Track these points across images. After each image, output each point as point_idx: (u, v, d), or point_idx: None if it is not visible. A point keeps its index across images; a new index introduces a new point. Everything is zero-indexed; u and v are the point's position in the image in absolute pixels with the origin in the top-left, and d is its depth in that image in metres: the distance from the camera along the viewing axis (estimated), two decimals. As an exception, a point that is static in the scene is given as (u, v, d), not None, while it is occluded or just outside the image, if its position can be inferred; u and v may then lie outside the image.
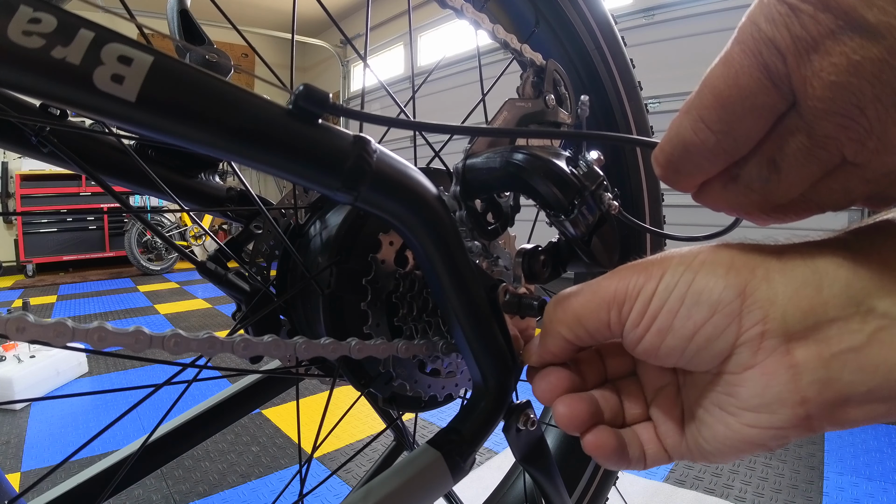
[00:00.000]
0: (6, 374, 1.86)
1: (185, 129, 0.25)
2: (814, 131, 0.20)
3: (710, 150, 0.22)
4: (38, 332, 0.26)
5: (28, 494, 0.58)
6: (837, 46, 0.18)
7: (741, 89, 0.20)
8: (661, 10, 3.63)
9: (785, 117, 0.21)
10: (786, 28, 0.18)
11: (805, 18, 0.18)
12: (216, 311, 3.49)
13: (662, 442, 0.30)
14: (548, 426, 0.81)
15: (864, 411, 0.22)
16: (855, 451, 1.40)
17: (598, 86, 0.70)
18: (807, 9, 0.18)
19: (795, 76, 0.19)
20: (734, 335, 0.24)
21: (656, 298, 0.26)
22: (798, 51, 0.19)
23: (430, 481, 0.37)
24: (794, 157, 0.21)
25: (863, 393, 0.22)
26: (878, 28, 0.17)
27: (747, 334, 0.24)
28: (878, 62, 0.17)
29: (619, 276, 0.29)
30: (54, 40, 0.21)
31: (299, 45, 7.09)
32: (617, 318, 0.28)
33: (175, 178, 0.53)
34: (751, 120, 0.21)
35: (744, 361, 0.24)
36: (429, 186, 0.34)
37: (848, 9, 0.17)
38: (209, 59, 0.45)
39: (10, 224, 5.55)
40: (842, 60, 0.18)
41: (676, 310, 0.26)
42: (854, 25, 0.17)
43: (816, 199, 0.23)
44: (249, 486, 1.33)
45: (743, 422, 0.25)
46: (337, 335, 0.40)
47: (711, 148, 0.22)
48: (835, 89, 0.18)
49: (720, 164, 0.23)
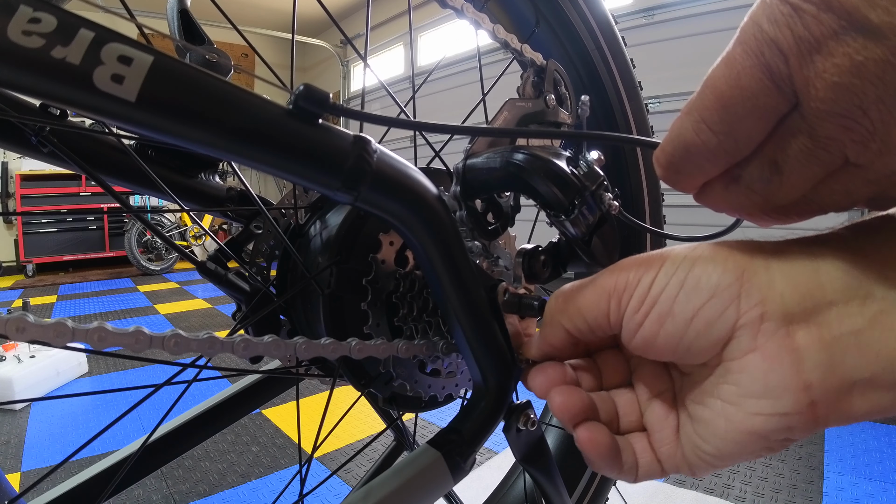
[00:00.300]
0: (6, 374, 1.86)
1: (186, 129, 0.25)
2: (816, 133, 0.20)
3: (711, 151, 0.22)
4: (38, 332, 0.26)
5: (28, 494, 0.58)
6: (840, 47, 0.18)
7: (743, 90, 0.20)
8: (661, 10, 3.63)
9: (787, 118, 0.21)
10: (788, 28, 0.18)
11: (808, 19, 0.18)
12: (216, 311, 3.49)
13: (656, 452, 0.30)
14: (548, 426, 0.81)
15: (870, 401, 0.22)
16: (855, 451, 1.40)
17: (598, 86, 0.70)
18: (809, 9, 0.18)
19: (798, 77, 0.19)
20: (733, 318, 0.24)
21: (656, 285, 0.27)
22: (800, 52, 0.18)
23: (430, 481, 0.37)
24: (796, 158, 0.21)
25: (866, 379, 0.22)
26: (881, 28, 0.17)
27: (746, 316, 0.24)
28: (881, 63, 0.17)
29: (619, 268, 0.30)
30: (54, 40, 0.21)
31: (299, 45, 7.09)
32: (616, 307, 0.28)
33: (175, 178, 0.53)
34: (752, 121, 0.21)
35: (744, 346, 0.24)
36: (429, 186, 0.34)
37: (851, 9, 0.17)
38: (209, 59, 0.45)
39: (10, 224, 5.55)
40: (844, 61, 0.18)
41: (675, 294, 0.26)
42: (857, 26, 0.17)
43: (818, 200, 0.23)
44: (249, 486, 1.33)
45: (746, 410, 0.24)
46: (337, 335, 0.40)
47: (713, 149, 0.22)
48: (837, 90, 0.18)
49: (721, 165, 0.23)
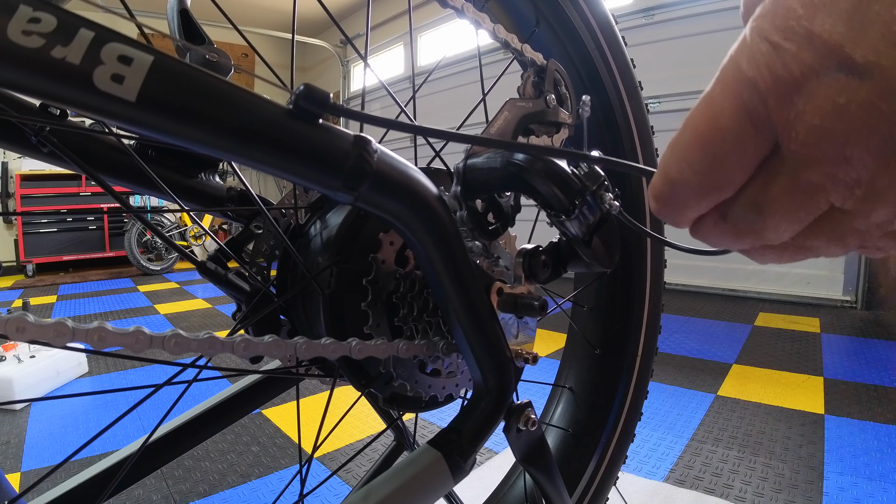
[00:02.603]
0: (6, 374, 1.86)
1: (186, 129, 0.25)
2: (797, 177, 0.19)
3: (693, 190, 0.21)
4: (38, 332, 0.26)
5: (28, 494, 0.58)
6: (822, 88, 0.17)
7: (721, 131, 0.19)
8: (661, 10, 3.63)
9: (768, 160, 0.20)
10: (767, 68, 0.17)
11: (788, 58, 0.17)
12: (216, 311, 3.49)
13: None
14: (548, 426, 0.81)
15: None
16: (855, 451, 1.40)
17: (598, 85, 0.70)
18: (790, 47, 0.17)
19: (777, 119, 0.18)
20: None
21: None
22: (780, 93, 0.17)
23: (430, 481, 0.37)
24: (778, 202, 0.20)
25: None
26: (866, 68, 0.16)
27: None
28: (866, 106, 0.16)
29: None
30: (54, 40, 0.21)
31: (299, 45, 7.09)
32: None
33: (175, 177, 0.53)
34: (732, 162, 0.20)
35: None
36: (429, 186, 0.34)
37: (834, 46, 0.16)
38: (209, 58, 0.45)
39: (10, 224, 5.55)
40: (826, 104, 0.17)
41: None
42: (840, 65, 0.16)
43: (807, 245, 0.22)
44: (249, 486, 1.33)
45: None
46: (337, 335, 0.40)
47: (695, 188, 0.21)
48: (818, 134, 0.17)
49: (706, 203, 0.22)
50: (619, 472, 0.81)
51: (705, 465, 1.35)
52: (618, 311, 0.79)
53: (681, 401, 1.77)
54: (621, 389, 0.78)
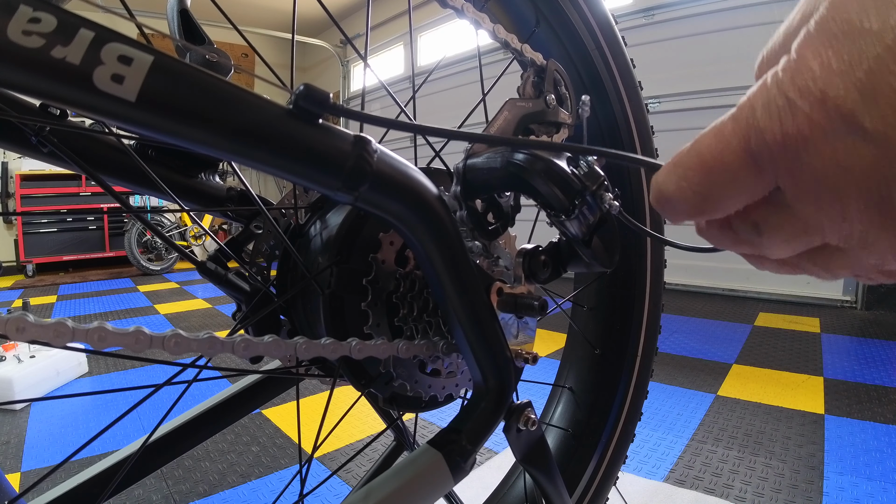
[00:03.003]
0: (6, 374, 1.86)
1: (186, 129, 0.25)
2: (796, 214, 0.20)
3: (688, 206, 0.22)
4: (38, 332, 0.26)
5: (28, 494, 0.58)
6: (828, 148, 0.17)
7: (724, 165, 0.20)
8: (661, 10, 3.63)
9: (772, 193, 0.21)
10: (779, 122, 0.18)
11: (800, 117, 0.18)
12: (216, 311, 3.49)
13: None
14: (548, 426, 0.81)
15: None
16: (855, 451, 1.40)
17: (598, 85, 0.70)
18: (803, 106, 0.17)
19: (781, 169, 0.19)
20: None
21: None
22: (786, 148, 0.18)
23: (430, 481, 0.37)
24: (776, 229, 0.21)
25: None
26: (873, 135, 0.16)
27: None
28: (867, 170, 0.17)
29: None
30: (54, 40, 0.21)
31: (299, 45, 7.09)
32: None
33: (175, 178, 0.53)
34: (729, 196, 0.21)
35: None
36: (429, 186, 0.34)
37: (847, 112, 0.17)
38: (209, 58, 0.45)
39: (10, 224, 5.55)
40: (830, 164, 0.18)
41: None
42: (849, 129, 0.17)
43: (803, 266, 0.23)
44: (249, 486, 1.33)
45: None
46: (337, 335, 0.40)
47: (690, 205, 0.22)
48: (819, 188, 0.18)
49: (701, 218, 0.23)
50: (619, 472, 0.81)
51: (705, 465, 1.35)
52: (618, 311, 0.79)
53: (681, 401, 1.77)
54: (621, 389, 0.78)
